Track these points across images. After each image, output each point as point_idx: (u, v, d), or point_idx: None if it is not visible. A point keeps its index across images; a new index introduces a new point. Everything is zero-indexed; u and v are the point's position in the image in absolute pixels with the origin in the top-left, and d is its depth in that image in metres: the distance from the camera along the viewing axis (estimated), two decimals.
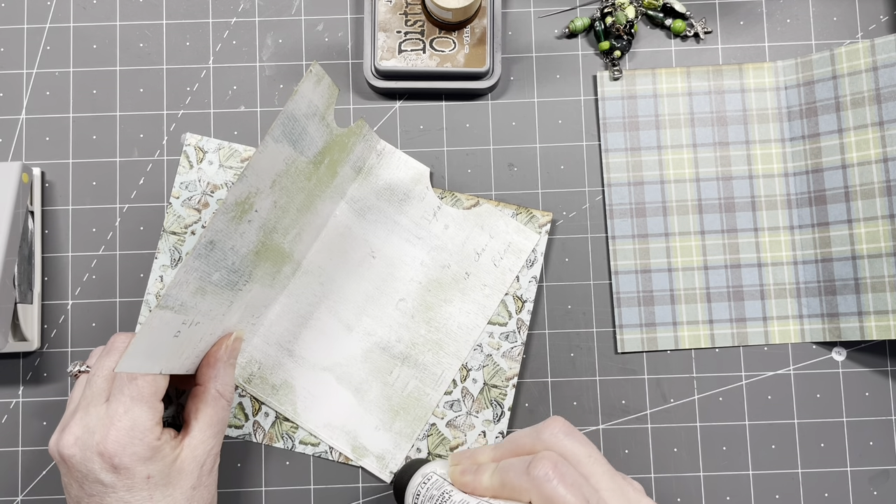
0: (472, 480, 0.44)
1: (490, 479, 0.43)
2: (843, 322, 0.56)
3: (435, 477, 0.47)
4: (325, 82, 0.48)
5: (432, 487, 0.46)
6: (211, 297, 0.46)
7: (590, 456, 0.42)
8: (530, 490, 0.40)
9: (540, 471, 0.40)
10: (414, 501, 0.47)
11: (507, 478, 0.42)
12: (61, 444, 0.46)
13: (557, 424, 0.43)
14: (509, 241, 0.57)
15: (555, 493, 0.39)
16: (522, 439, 0.44)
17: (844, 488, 0.57)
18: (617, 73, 0.59)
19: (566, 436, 0.43)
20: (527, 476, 0.41)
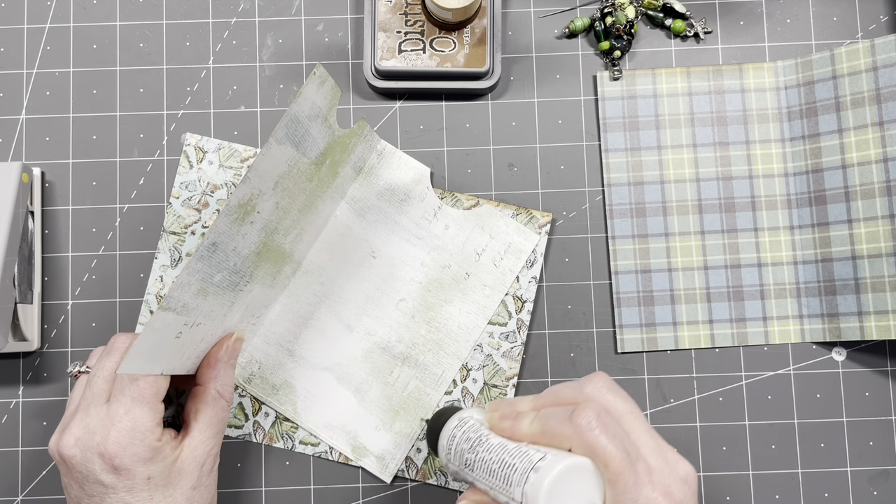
0: (511, 426, 0.44)
1: (530, 425, 0.43)
2: (843, 322, 0.56)
3: (472, 421, 0.46)
4: (328, 84, 0.48)
5: (469, 430, 0.46)
6: (213, 298, 0.46)
7: (632, 412, 0.43)
8: (572, 437, 0.40)
9: (583, 419, 0.40)
10: (449, 444, 0.46)
11: (549, 424, 0.41)
12: (61, 444, 0.46)
13: (601, 379, 0.43)
14: (509, 241, 0.57)
15: (596, 442, 0.39)
16: (564, 391, 0.44)
17: (844, 488, 0.57)
18: (617, 73, 0.59)
19: (609, 390, 0.43)
20: (569, 423, 0.40)
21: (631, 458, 0.40)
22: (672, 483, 0.41)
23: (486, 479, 0.42)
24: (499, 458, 0.42)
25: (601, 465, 0.40)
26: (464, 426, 0.46)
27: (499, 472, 0.42)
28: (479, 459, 0.43)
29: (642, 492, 0.39)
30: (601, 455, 0.39)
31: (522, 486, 0.40)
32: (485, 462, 0.43)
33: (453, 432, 0.46)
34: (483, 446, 0.44)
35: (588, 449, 0.40)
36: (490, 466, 0.42)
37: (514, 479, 0.40)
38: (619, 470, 0.39)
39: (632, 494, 0.39)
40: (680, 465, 0.42)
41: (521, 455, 0.41)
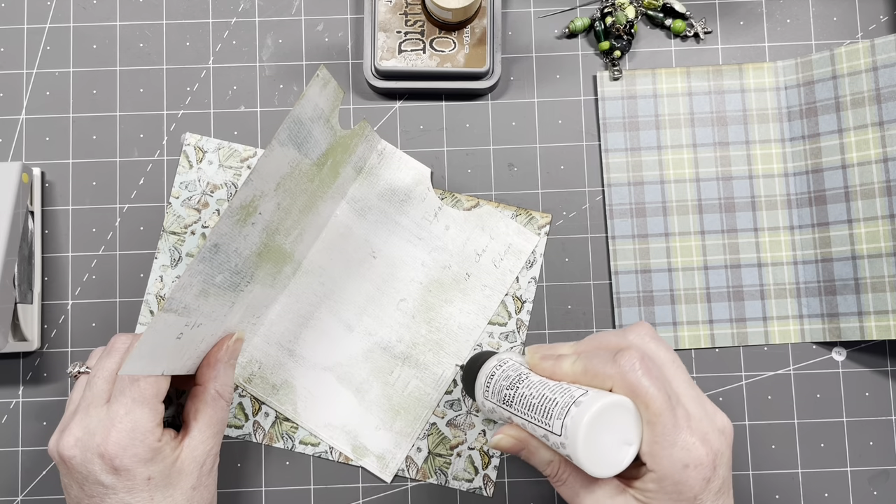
0: (553, 365, 0.44)
1: (572, 365, 0.43)
2: (843, 322, 0.56)
3: (511, 361, 0.47)
4: (331, 86, 0.48)
5: (508, 369, 0.46)
6: (213, 298, 0.46)
7: (673, 362, 0.43)
8: (614, 377, 0.41)
9: (627, 360, 0.41)
10: (487, 382, 0.47)
11: (591, 364, 0.42)
12: (61, 445, 0.46)
13: (645, 327, 0.44)
14: (509, 242, 0.57)
15: (639, 383, 0.40)
16: (607, 337, 0.45)
17: (844, 488, 0.57)
18: (617, 73, 0.59)
19: (652, 339, 0.44)
20: (613, 364, 0.41)
21: (671, 403, 0.40)
22: (709, 431, 0.41)
23: (525, 413, 0.43)
24: (539, 393, 0.43)
25: (642, 405, 0.40)
26: (503, 365, 0.47)
27: (538, 406, 0.42)
28: (519, 395, 0.44)
29: (680, 435, 0.40)
30: (643, 396, 0.40)
31: (563, 419, 0.40)
32: (524, 397, 0.43)
33: (492, 371, 0.47)
34: (523, 383, 0.44)
35: (630, 389, 0.40)
36: (530, 401, 0.43)
37: (555, 413, 0.41)
38: (659, 411, 0.40)
39: (670, 437, 0.40)
40: (718, 416, 0.43)
41: (563, 391, 0.42)
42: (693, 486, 0.40)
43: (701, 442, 0.41)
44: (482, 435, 0.56)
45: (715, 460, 0.41)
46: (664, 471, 0.40)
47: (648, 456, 0.41)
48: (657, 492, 0.41)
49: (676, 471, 0.40)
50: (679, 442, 0.40)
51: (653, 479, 0.41)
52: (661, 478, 0.41)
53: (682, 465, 0.40)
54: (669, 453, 0.40)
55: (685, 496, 0.41)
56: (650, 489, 0.41)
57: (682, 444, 0.40)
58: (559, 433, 0.40)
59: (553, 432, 0.41)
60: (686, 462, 0.40)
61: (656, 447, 0.40)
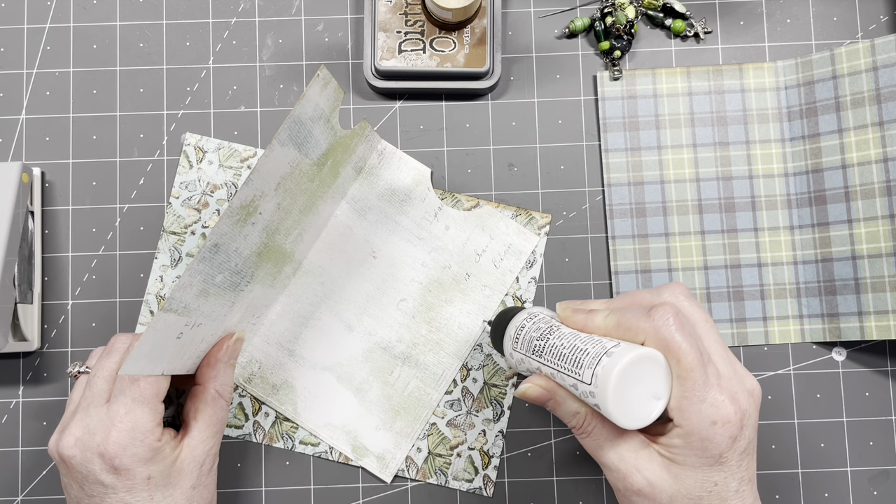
0: (585, 318, 0.44)
1: (605, 319, 0.43)
2: (843, 322, 0.56)
3: (543, 314, 0.47)
4: (331, 86, 0.48)
5: (539, 321, 0.46)
6: (214, 298, 0.46)
7: (706, 321, 0.44)
8: (647, 331, 0.41)
9: (661, 316, 0.41)
10: (517, 333, 0.47)
11: (625, 318, 0.42)
12: (61, 444, 0.46)
13: (679, 287, 0.45)
14: (509, 242, 0.57)
15: (672, 338, 0.40)
16: (641, 294, 0.45)
17: (844, 488, 0.57)
18: (617, 73, 0.59)
19: (686, 298, 0.44)
20: (646, 318, 0.41)
21: (703, 360, 0.41)
22: (739, 391, 0.42)
23: (555, 362, 0.43)
24: (570, 343, 0.43)
25: (674, 360, 0.41)
26: (534, 318, 0.47)
27: (569, 356, 0.42)
28: (549, 346, 0.44)
29: (710, 392, 0.41)
30: (675, 350, 0.40)
31: (594, 368, 0.41)
32: (555, 348, 0.44)
33: (522, 323, 0.47)
34: (554, 335, 0.44)
35: (663, 344, 0.41)
36: (560, 351, 0.43)
37: (586, 362, 0.41)
38: (691, 367, 0.40)
39: (700, 393, 0.40)
40: (747, 378, 0.43)
41: (594, 342, 0.42)
42: (719, 444, 0.41)
43: (730, 400, 0.41)
44: (482, 435, 0.56)
45: (742, 420, 0.41)
46: (691, 426, 0.41)
47: (676, 411, 0.41)
48: (683, 447, 0.41)
49: (704, 427, 0.41)
50: (708, 398, 0.41)
51: (679, 434, 0.41)
52: (687, 433, 0.41)
53: (710, 422, 0.40)
54: (698, 409, 0.40)
55: (710, 453, 0.41)
56: (676, 445, 0.42)
57: (712, 401, 0.41)
58: (589, 382, 0.41)
59: (583, 381, 0.41)
60: (714, 419, 0.40)
61: (685, 402, 0.41)
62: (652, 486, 0.42)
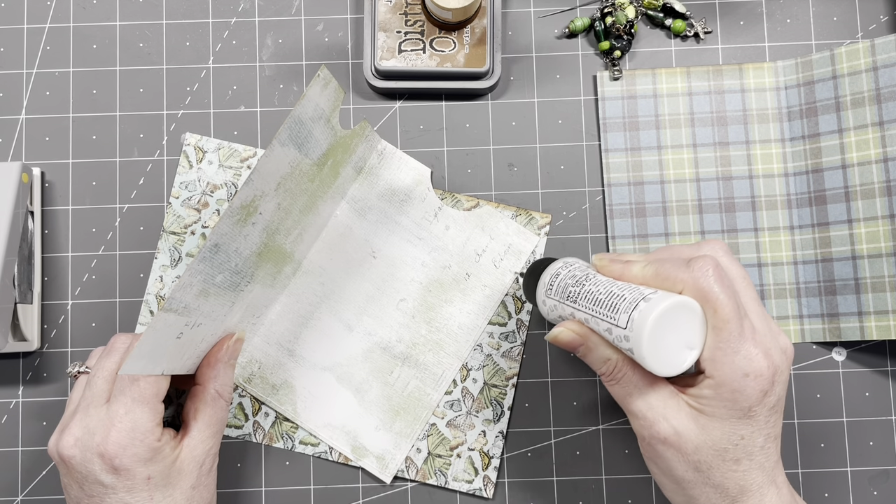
0: (622, 268, 0.45)
1: (643, 269, 0.44)
2: (843, 322, 0.56)
3: (578, 263, 0.47)
4: (332, 86, 0.48)
5: (575, 269, 0.47)
6: (214, 298, 0.46)
7: (744, 278, 0.44)
8: (686, 281, 0.41)
9: (700, 266, 0.42)
10: (552, 281, 0.47)
11: (663, 268, 0.43)
12: (61, 444, 0.46)
13: (719, 243, 0.45)
14: (509, 242, 0.57)
15: (710, 289, 0.41)
16: (680, 248, 0.45)
17: (844, 488, 0.57)
18: (617, 73, 0.59)
19: (725, 254, 0.44)
20: (686, 268, 0.42)
21: (739, 313, 0.41)
22: (772, 347, 0.42)
23: (590, 307, 0.44)
24: (606, 290, 0.43)
25: (710, 311, 0.41)
26: (570, 266, 0.47)
27: (605, 301, 0.43)
28: (585, 291, 0.44)
29: (744, 345, 0.41)
30: (713, 301, 0.41)
31: (630, 312, 0.41)
32: (591, 293, 0.44)
33: (558, 270, 0.47)
34: (590, 281, 0.45)
35: (701, 294, 0.41)
36: (596, 297, 0.43)
37: (622, 307, 0.41)
38: (727, 318, 0.41)
39: (734, 345, 0.41)
40: (781, 337, 0.44)
41: (631, 289, 0.42)
42: (750, 396, 0.41)
43: (763, 355, 0.41)
44: (482, 436, 0.56)
45: (774, 375, 0.41)
46: (723, 377, 0.41)
47: (709, 361, 0.41)
48: (713, 398, 0.42)
49: (736, 378, 0.41)
50: (742, 351, 0.41)
51: (710, 385, 0.42)
52: (719, 383, 0.41)
53: (742, 374, 0.41)
54: (731, 360, 0.41)
55: (740, 405, 0.41)
56: (706, 395, 0.42)
57: (745, 354, 0.41)
58: (625, 326, 0.41)
59: (618, 325, 0.41)
60: (747, 371, 0.41)
61: (719, 353, 0.41)
62: (678, 434, 0.42)
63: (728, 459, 0.42)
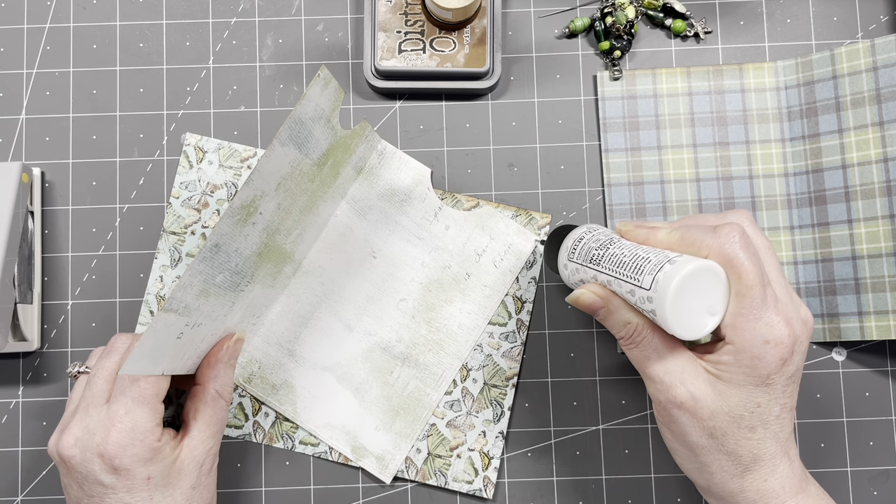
0: (647, 233, 0.45)
1: (668, 234, 0.44)
2: (843, 322, 0.56)
3: (602, 228, 0.48)
4: (332, 86, 0.48)
5: (599, 234, 0.47)
6: (214, 298, 0.46)
7: (769, 248, 0.44)
8: (711, 247, 0.42)
9: (727, 232, 0.42)
10: (575, 245, 0.48)
11: (689, 234, 0.43)
12: (61, 444, 0.46)
13: (745, 213, 0.45)
14: (509, 242, 0.57)
15: (736, 255, 0.41)
16: (706, 216, 0.45)
17: (844, 488, 0.57)
18: (617, 73, 0.59)
19: (751, 224, 0.45)
20: (712, 234, 0.42)
21: (763, 280, 0.41)
22: (794, 317, 0.42)
23: (613, 269, 0.44)
24: (631, 253, 0.43)
25: (735, 276, 0.41)
26: (594, 231, 0.48)
27: (630, 263, 0.43)
28: (609, 254, 0.44)
29: (766, 312, 0.41)
30: (738, 267, 0.41)
31: (655, 274, 0.41)
32: (615, 256, 0.44)
33: (582, 234, 0.48)
34: (615, 245, 0.45)
35: (726, 259, 0.41)
36: (621, 259, 0.44)
37: (647, 269, 0.41)
38: (751, 284, 0.41)
39: (756, 311, 0.41)
40: (802, 308, 0.44)
41: (657, 252, 0.42)
42: (769, 364, 0.41)
43: (785, 323, 0.41)
44: (482, 436, 0.56)
45: (794, 344, 0.42)
46: (744, 343, 0.41)
47: (730, 328, 0.42)
48: (732, 365, 0.42)
49: (756, 345, 0.41)
50: (764, 318, 0.41)
51: (730, 351, 0.42)
52: (738, 350, 0.41)
53: (762, 341, 0.41)
54: (753, 326, 0.41)
55: (759, 372, 0.41)
56: (725, 362, 0.42)
57: (767, 321, 0.41)
58: (649, 287, 0.41)
59: (642, 287, 0.41)
60: (767, 338, 0.41)
61: (741, 319, 0.41)
62: (695, 399, 0.42)
63: (743, 427, 0.42)
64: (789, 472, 0.44)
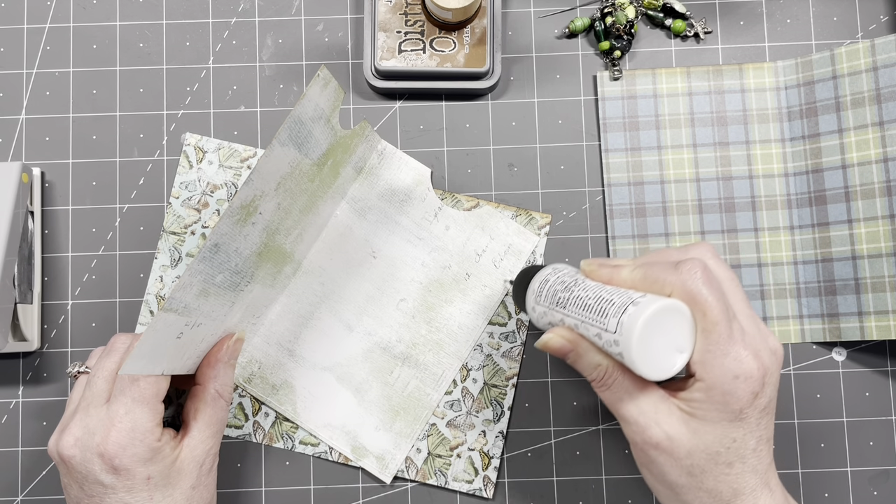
0: (611, 272, 0.44)
1: (631, 272, 0.44)
2: (843, 322, 0.56)
3: (567, 269, 0.47)
4: (331, 86, 0.48)
5: (564, 275, 0.47)
6: (214, 298, 0.46)
7: (732, 280, 0.44)
8: (674, 284, 0.41)
9: (689, 269, 0.41)
10: (541, 288, 0.47)
11: (652, 271, 0.43)
12: (61, 444, 0.46)
13: (706, 246, 0.45)
14: (509, 242, 0.57)
15: (699, 291, 0.41)
16: (668, 252, 0.45)
17: (844, 488, 0.57)
18: (617, 73, 0.59)
19: (713, 257, 0.45)
20: (674, 271, 0.42)
21: (728, 314, 0.41)
22: (762, 349, 0.42)
23: (579, 313, 0.43)
24: (595, 295, 0.43)
25: (699, 313, 0.41)
26: (559, 272, 0.47)
27: (594, 306, 0.42)
28: (574, 297, 0.44)
29: (734, 347, 0.41)
30: (702, 303, 0.41)
31: (619, 316, 0.41)
32: (580, 299, 0.44)
33: (547, 277, 0.47)
34: (579, 287, 0.45)
35: (690, 296, 0.41)
36: (585, 302, 0.43)
37: (611, 311, 0.41)
38: (716, 320, 0.41)
39: (723, 347, 0.41)
40: (770, 338, 0.43)
41: (620, 293, 0.42)
42: (740, 398, 0.41)
43: (753, 356, 0.41)
44: (482, 436, 0.56)
45: (765, 377, 0.41)
46: (714, 380, 0.41)
47: (699, 364, 0.41)
48: (704, 402, 0.41)
49: (726, 381, 0.41)
50: (732, 353, 0.41)
51: (701, 388, 0.41)
52: (709, 387, 0.41)
53: (732, 376, 0.41)
54: (721, 363, 0.41)
55: (731, 408, 0.41)
56: (697, 399, 0.42)
57: (735, 356, 0.41)
58: (614, 330, 0.41)
59: (607, 330, 0.41)
60: (737, 373, 0.41)
61: (708, 356, 0.41)
62: (670, 439, 0.42)
63: (721, 463, 0.42)
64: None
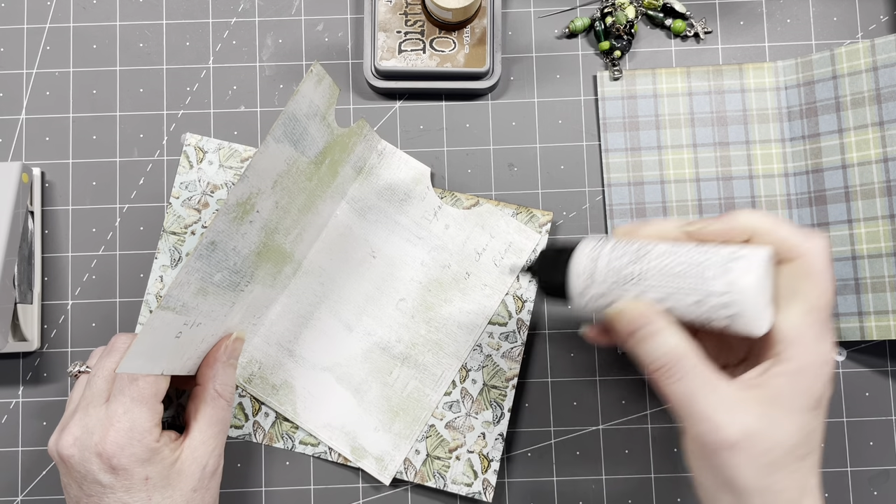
0: (701, 228, 0.41)
1: (751, 217, 0.40)
2: (843, 322, 0.56)
3: (612, 240, 0.42)
4: (325, 82, 0.48)
5: (619, 247, 0.42)
6: (213, 297, 0.46)
7: None
8: (802, 248, 0.39)
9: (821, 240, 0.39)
10: (591, 267, 0.42)
11: (777, 227, 0.40)
12: (60, 444, 0.46)
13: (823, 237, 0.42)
14: (510, 240, 0.57)
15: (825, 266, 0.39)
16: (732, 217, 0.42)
17: (844, 488, 0.56)
18: (617, 73, 0.59)
19: None
20: (804, 235, 0.39)
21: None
22: None
23: (666, 283, 0.39)
24: (684, 259, 0.39)
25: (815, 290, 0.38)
26: (608, 244, 0.42)
27: (686, 272, 0.39)
28: (652, 268, 0.40)
29: (829, 334, 0.39)
30: (822, 280, 0.39)
31: (726, 276, 0.38)
32: (662, 268, 0.39)
33: (595, 254, 0.42)
34: (653, 254, 0.40)
35: (815, 268, 0.39)
36: (671, 270, 0.39)
37: (710, 274, 0.38)
38: (828, 303, 0.39)
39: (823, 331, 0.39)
40: None
41: (712, 251, 0.39)
42: (824, 385, 0.39)
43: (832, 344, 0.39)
44: (481, 438, 0.56)
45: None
46: (806, 363, 0.38)
47: (792, 345, 0.38)
48: (787, 387, 0.38)
49: (817, 366, 0.38)
50: (827, 338, 0.39)
51: (785, 372, 0.38)
52: (798, 370, 0.38)
53: (822, 361, 0.38)
54: (816, 348, 0.38)
55: (814, 395, 0.38)
56: (777, 385, 0.38)
57: (829, 342, 0.39)
58: (723, 291, 0.37)
59: (713, 293, 0.38)
60: (826, 359, 0.38)
61: (807, 338, 0.38)
62: (749, 436, 0.37)
63: (797, 456, 0.38)
64: None
